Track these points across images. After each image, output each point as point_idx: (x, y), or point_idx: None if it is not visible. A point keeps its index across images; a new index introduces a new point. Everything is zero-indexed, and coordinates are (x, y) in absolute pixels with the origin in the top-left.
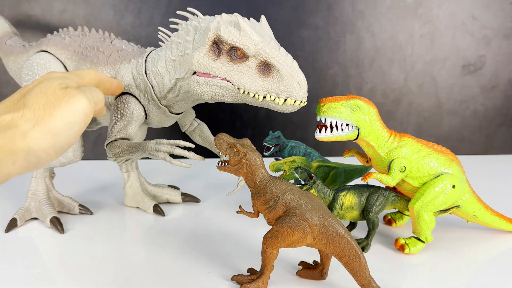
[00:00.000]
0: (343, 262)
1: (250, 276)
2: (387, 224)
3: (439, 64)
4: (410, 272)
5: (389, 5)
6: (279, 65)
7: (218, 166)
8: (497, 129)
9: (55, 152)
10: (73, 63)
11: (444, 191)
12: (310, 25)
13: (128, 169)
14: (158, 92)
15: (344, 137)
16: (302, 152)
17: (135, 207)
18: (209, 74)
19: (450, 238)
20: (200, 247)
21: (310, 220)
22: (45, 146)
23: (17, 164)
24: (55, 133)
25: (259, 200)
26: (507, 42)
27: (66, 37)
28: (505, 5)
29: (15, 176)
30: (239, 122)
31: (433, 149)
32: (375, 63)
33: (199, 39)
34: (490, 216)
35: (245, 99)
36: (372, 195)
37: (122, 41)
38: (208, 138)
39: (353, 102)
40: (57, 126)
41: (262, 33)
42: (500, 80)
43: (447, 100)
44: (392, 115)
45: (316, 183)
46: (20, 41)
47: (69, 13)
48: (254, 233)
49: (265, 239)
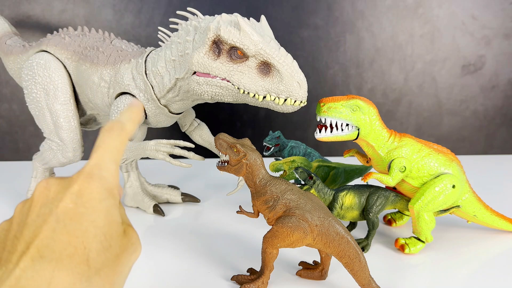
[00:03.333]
0: (343, 262)
1: (250, 276)
2: (387, 224)
3: (439, 64)
4: (410, 272)
5: (389, 5)
6: (279, 65)
7: (218, 166)
8: (497, 129)
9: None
10: (73, 63)
11: (444, 191)
12: (310, 25)
13: (128, 169)
14: (158, 92)
15: (344, 137)
16: (302, 152)
17: (135, 207)
18: (209, 74)
19: (450, 238)
20: (200, 247)
21: (310, 220)
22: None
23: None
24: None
25: (259, 200)
26: (507, 42)
27: (66, 37)
28: (505, 5)
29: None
30: (239, 122)
31: (433, 149)
32: (375, 63)
33: (199, 39)
34: (490, 216)
35: (245, 99)
36: (372, 195)
37: (122, 41)
38: (208, 138)
39: (353, 102)
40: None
41: (262, 33)
42: (500, 80)
43: (447, 100)
44: (392, 115)
45: (316, 183)
46: (20, 41)
47: (69, 13)
48: (254, 233)
49: (265, 239)
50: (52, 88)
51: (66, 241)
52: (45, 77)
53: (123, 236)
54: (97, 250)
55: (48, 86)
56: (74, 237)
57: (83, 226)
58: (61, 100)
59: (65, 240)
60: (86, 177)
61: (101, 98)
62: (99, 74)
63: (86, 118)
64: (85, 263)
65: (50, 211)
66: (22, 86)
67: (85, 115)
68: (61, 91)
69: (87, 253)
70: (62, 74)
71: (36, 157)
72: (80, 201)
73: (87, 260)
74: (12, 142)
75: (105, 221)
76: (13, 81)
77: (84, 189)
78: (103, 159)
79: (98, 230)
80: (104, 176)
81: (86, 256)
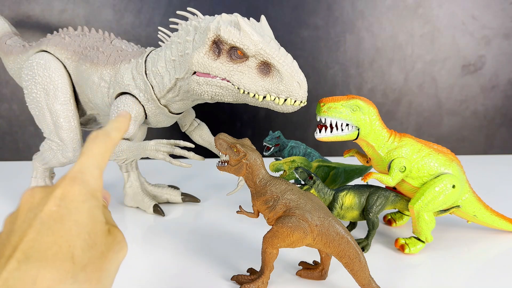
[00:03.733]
0: (343, 262)
1: (250, 276)
2: (387, 224)
3: (439, 64)
4: (410, 272)
5: (389, 5)
6: (279, 65)
7: (218, 166)
8: (497, 129)
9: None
10: (73, 63)
11: (444, 191)
12: (310, 25)
13: (128, 169)
14: (158, 92)
15: (344, 137)
16: (302, 152)
17: (135, 207)
18: (209, 74)
19: (450, 238)
20: (200, 247)
21: (310, 220)
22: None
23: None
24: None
25: (259, 200)
26: (507, 42)
27: (66, 37)
28: (505, 5)
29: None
30: (239, 122)
31: (433, 149)
32: (375, 63)
33: (199, 39)
34: (490, 216)
35: (245, 99)
36: (372, 195)
37: (122, 41)
38: (208, 138)
39: (353, 102)
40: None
41: (262, 33)
42: (500, 80)
43: (447, 100)
44: (392, 115)
45: (316, 183)
46: (20, 41)
47: (69, 13)
48: (254, 233)
49: (265, 239)
50: (52, 88)
51: (51, 241)
52: (45, 77)
53: (107, 235)
54: (82, 248)
55: (48, 86)
56: (58, 236)
57: (67, 226)
58: (61, 100)
59: (49, 241)
60: (69, 181)
61: (101, 98)
62: (99, 74)
63: (86, 118)
64: (70, 260)
65: (35, 215)
66: (22, 86)
67: (85, 115)
68: (61, 91)
69: (72, 250)
70: (62, 74)
71: (36, 157)
72: (63, 203)
73: (72, 258)
74: (12, 142)
75: (88, 221)
76: (13, 81)
77: (67, 192)
78: (86, 165)
79: (82, 229)
80: (87, 180)
81: (71, 253)
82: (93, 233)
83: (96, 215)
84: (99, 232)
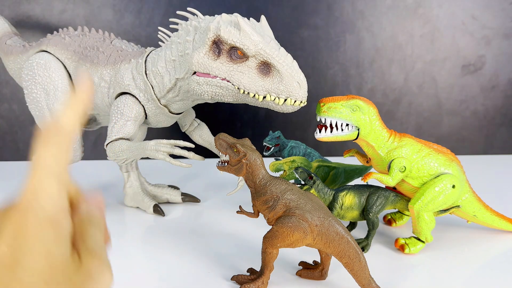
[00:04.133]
0: (343, 262)
1: (250, 276)
2: (387, 224)
3: (439, 64)
4: (410, 272)
5: (389, 5)
6: (279, 65)
7: (218, 166)
8: (497, 129)
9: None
10: (73, 63)
11: (444, 191)
12: (310, 25)
13: (128, 169)
14: (158, 92)
15: (344, 137)
16: (302, 152)
17: (135, 207)
18: (209, 74)
19: (450, 238)
20: (200, 247)
21: (310, 220)
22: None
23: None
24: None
25: (259, 200)
26: (507, 42)
27: (66, 37)
28: (505, 5)
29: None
30: (239, 122)
31: (433, 149)
32: (375, 63)
33: (199, 39)
34: (490, 216)
35: (245, 99)
36: (372, 195)
37: (122, 41)
38: (208, 138)
39: (353, 102)
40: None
41: (262, 33)
42: (500, 80)
43: (447, 100)
44: (392, 115)
45: (316, 183)
46: (20, 41)
47: (69, 13)
48: (254, 233)
49: (265, 239)
50: (52, 88)
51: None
52: (45, 77)
53: (74, 274)
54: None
55: (48, 86)
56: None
57: (18, 276)
58: (61, 100)
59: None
60: (21, 212)
61: (101, 98)
62: (99, 74)
63: (86, 118)
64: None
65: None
66: (22, 86)
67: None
68: (61, 91)
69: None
70: (62, 74)
71: None
72: (16, 243)
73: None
74: (12, 142)
75: (45, 265)
76: (13, 81)
77: (19, 229)
78: (39, 182)
79: (36, 278)
80: (41, 205)
81: None
82: (51, 280)
83: (55, 254)
84: (60, 276)
